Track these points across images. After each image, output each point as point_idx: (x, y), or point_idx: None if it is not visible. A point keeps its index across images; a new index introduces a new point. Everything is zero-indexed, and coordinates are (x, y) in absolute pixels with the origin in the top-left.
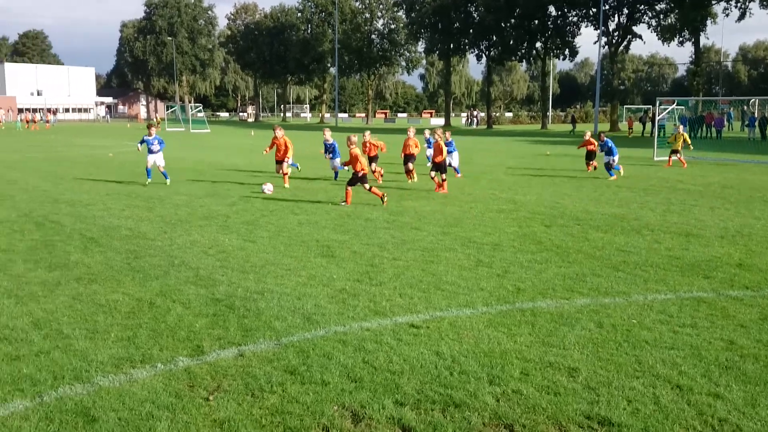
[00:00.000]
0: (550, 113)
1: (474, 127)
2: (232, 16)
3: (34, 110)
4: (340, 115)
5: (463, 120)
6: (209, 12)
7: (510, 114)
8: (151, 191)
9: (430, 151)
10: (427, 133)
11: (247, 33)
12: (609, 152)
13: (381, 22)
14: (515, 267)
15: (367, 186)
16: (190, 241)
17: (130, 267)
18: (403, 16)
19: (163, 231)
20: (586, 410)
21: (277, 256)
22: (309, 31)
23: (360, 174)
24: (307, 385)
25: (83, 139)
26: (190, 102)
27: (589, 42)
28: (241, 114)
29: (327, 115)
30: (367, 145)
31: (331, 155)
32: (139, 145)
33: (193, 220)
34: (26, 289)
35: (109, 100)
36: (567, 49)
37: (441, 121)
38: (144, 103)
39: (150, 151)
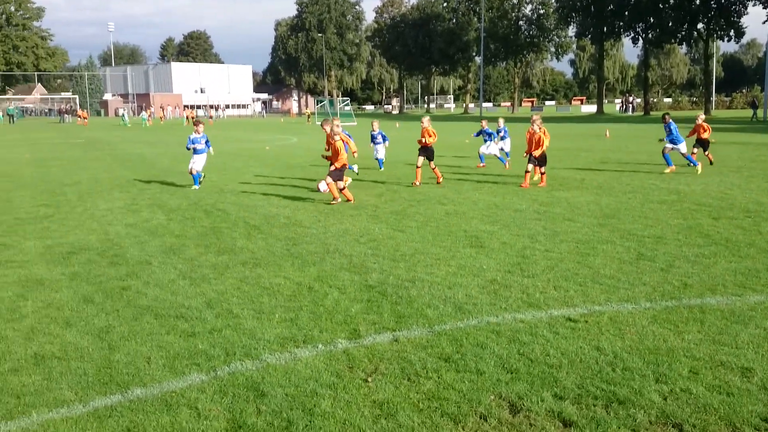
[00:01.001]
0: (713, 98)
1: (630, 113)
2: (378, 10)
3: (198, 107)
4: (485, 104)
5: (618, 106)
6: (356, 7)
7: (669, 99)
8: (306, 182)
9: (501, 143)
10: (501, 122)
11: (392, 26)
12: (673, 140)
13: (529, 7)
14: (681, 261)
15: (340, 184)
16: (342, 229)
17: (289, 253)
18: (553, 0)
19: (317, 220)
20: (763, 412)
21: (426, 246)
22: (454, 21)
23: (338, 168)
24: (462, 373)
25: (242, 133)
26: (337, 96)
27: (756, 22)
28: (386, 106)
29: (471, 105)
30: (424, 134)
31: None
32: (188, 146)
33: (344, 210)
34: (198, 272)
35: (264, 96)
36: (732, 30)
37: (593, 108)
38: (296, 98)
39: (196, 151)
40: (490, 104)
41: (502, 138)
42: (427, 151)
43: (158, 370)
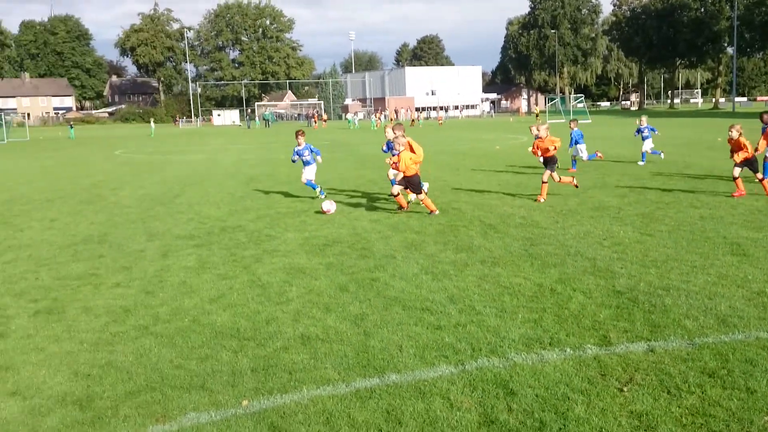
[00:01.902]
0: None
1: None
2: (616, 3)
3: (429, 108)
4: (738, 99)
5: None
6: (592, 1)
7: None
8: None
9: (647, 144)
10: (644, 120)
11: (632, 18)
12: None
13: None
14: None
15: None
16: (582, 231)
17: (527, 253)
18: None
19: (554, 221)
20: None
21: (679, 252)
22: (702, 10)
23: (410, 176)
24: (729, 390)
25: (471, 133)
26: (569, 93)
27: None
28: (623, 102)
29: (722, 99)
30: (537, 144)
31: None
32: (293, 158)
33: (583, 211)
34: (439, 267)
35: (493, 95)
36: None
37: None
38: (525, 96)
39: (306, 163)
40: (743, 98)
41: (644, 138)
42: (548, 162)
43: (410, 359)
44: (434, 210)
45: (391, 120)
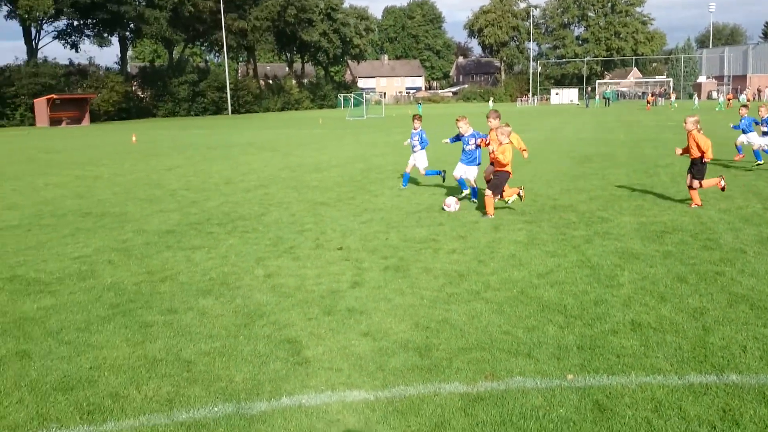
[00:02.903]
0: None
1: None
2: None
3: None
4: None
5: None
6: None
7: None
8: None
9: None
10: (764, 110)
11: None
12: None
13: None
14: None
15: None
16: None
17: None
18: None
19: None
20: None
21: None
22: None
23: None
24: None
25: None
26: None
27: None
28: None
29: None
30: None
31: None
32: (407, 141)
33: None
34: None
35: None
36: None
37: None
38: None
39: (412, 149)
40: None
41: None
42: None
43: (754, 361)
44: (490, 213)
45: (748, 101)
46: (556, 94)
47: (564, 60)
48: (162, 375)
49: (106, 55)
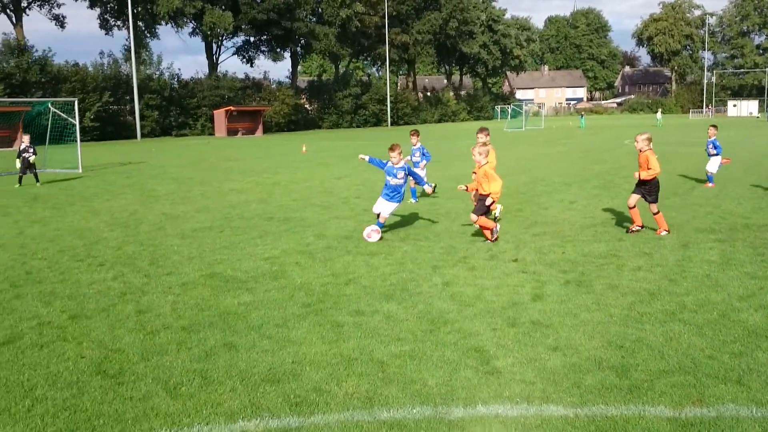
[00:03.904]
0: None
1: None
2: None
3: None
4: None
5: None
6: None
7: None
8: None
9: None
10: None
11: None
12: None
13: None
14: None
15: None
16: None
17: None
18: None
19: None
20: None
21: None
22: None
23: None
24: None
25: None
26: None
27: None
28: None
29: None
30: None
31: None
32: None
33: None
34: None
35: None
36: None
37: None
38: None
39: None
40: None
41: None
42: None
43: None
44: (490, 238)
45: None
46: (734, 105)
47: (742, 70)
48: (359, 374)
49: (277, 69)
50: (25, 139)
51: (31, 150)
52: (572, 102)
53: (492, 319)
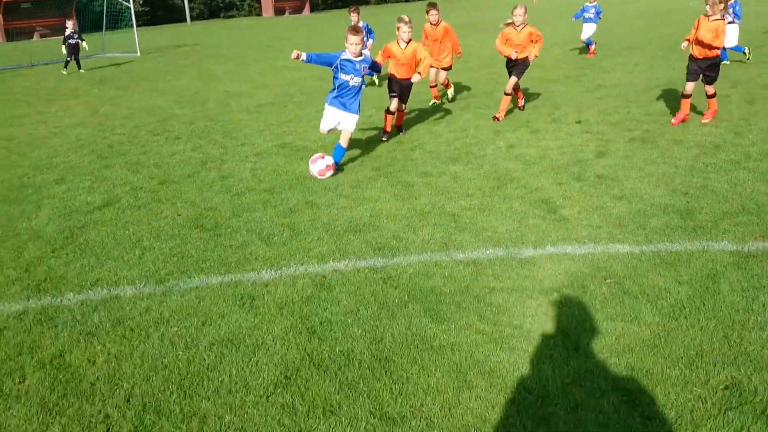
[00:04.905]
0: None
1: None
2: None
3: None
4: None
5: None
6: None
7: None
8: None
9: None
10: None
11: None
12: None
13: None
14: None
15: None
16: None
17: None
18: None
19: None
20: None
21: None
22: None
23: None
24: None
25: None
26: None
27: None
28: None
29: None
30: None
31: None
32: None
33: None
34: None
35: None
36: None
37: None
38: None
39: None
40: None
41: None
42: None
43: None
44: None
45: None
46: None
47: None
48: (433, 224)
49: None
50: (69, 25)
51: (77, 36)
52: None
53: (557, 175)
